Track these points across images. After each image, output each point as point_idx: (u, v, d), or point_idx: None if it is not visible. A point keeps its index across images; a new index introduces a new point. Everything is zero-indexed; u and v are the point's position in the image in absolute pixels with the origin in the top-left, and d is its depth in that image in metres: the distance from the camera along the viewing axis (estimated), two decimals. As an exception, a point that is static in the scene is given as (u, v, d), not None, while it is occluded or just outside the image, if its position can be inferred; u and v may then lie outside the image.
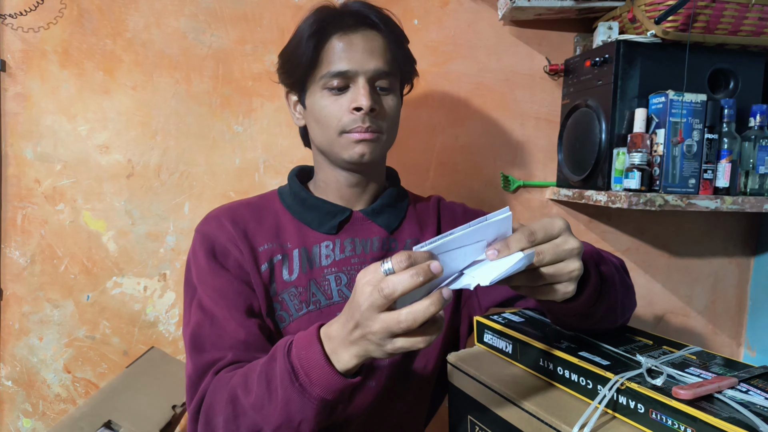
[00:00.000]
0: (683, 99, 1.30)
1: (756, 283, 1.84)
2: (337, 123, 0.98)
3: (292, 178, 1.12)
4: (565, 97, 1.60)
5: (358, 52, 0.97)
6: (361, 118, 0.96)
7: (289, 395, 0.74)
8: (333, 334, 0.72)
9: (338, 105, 0.98)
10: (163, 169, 1.48)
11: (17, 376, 1.48)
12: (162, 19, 1.45)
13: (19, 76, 1.40)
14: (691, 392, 0.69)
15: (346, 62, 0.96)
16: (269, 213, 1.07)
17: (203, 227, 1.04)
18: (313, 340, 0.73)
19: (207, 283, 0.97)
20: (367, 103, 0.95)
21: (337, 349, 0.72)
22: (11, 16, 1.38)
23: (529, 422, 0.83)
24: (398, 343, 0.66)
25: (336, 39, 0.97)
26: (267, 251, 1.02)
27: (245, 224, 1.03)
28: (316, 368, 0.72)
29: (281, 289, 1.01)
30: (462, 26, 1.59)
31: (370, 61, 0.97)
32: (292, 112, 1.10)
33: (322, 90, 0.99)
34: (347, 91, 0.98)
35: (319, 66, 0.98)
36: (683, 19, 1.31)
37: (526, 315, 1.09)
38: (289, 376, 0.73)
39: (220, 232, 1.01)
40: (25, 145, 1.42)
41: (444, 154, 1.61)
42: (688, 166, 1.32)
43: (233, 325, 0.93)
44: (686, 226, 1.77)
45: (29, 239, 1.45)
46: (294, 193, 1.09)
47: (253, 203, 1.09)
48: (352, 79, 0.97)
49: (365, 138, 0.98)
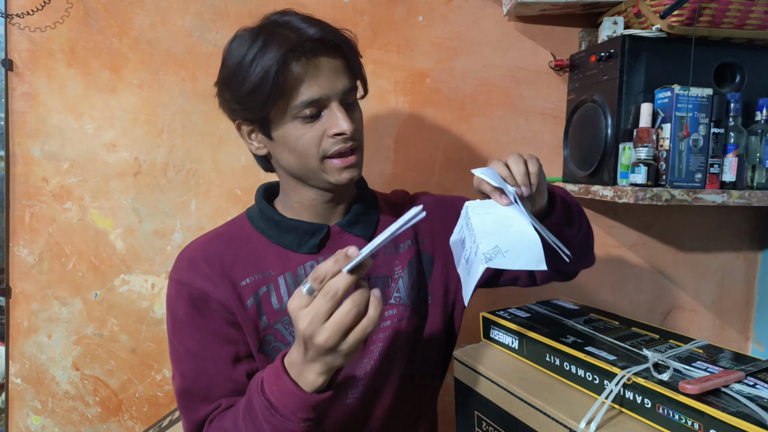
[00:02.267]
0: (689, 93, 1.30)
1: (764, 278, 1.83)
2: (317, 150, 0.94)
3: (260, 201, 1.07)
4: (571, 92, 1.60)
5: (325, 75, 0.92)
6: (342, 141, 0.94)
7: (275, 427, 0.78)
8: (294, 361, 0.77)
9: (314, 132, 0.94)
10: (170, 166, 1.49)
11: (26, 373, 1.49)
12: (167, 17, 1.45)
13: (26, 76, 1.41)
14: (698, 387, 0.69)
15: (317, 89, 0.92)
16: (244, 242, 1.03)
17: (177, 275, 0.98)
18: (280, 372, 0.77)
19: (188, 336, 0.95)
20: (349, 127, 0.92)
21: (302, 373, 0.76)
22: (18, 16, 1.38)
23: (535, 417, 0.84)
24: (350, 338, 0.71)
25: (301, 66, 0.91)
26: (251, 285, 0.98)
27: (221, 260, 0.98)
28: (290, 397, 0.76)
29: (273, 321, 0.98)
30: (467, 22, 1.59)
31: (338, 81, 0.94)
32: (248, 141, 1.03)
33: (293, 120, 0.93)
34: (320, 117, 0.94)
35: (284, 98, 0.91)
36: (688, 13, 1.30)
37: (532, 310, 1.10)
38: (269, 411, 0.78)
39: (195, 275, 0.96)
40: (32, 144, 1.43)
41: (450, 151, 1.61)
42: (695, 161, 1.32)
43: (220, 378, 0.94)
44: (693, 220, 1.77)
45: (37, 237, 1.45)
46: (266, 216, 1.04)
47: (225, 234, 1.05)
48: (324, 104, 0.93)
49: (350, 163, 0.96)
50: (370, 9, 1.53)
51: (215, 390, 0.94)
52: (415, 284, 1.08)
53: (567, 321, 1.03)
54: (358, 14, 1.52)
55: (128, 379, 1.52)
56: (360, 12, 1.52)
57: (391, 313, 1.04)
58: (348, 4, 1.51)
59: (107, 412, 1.53)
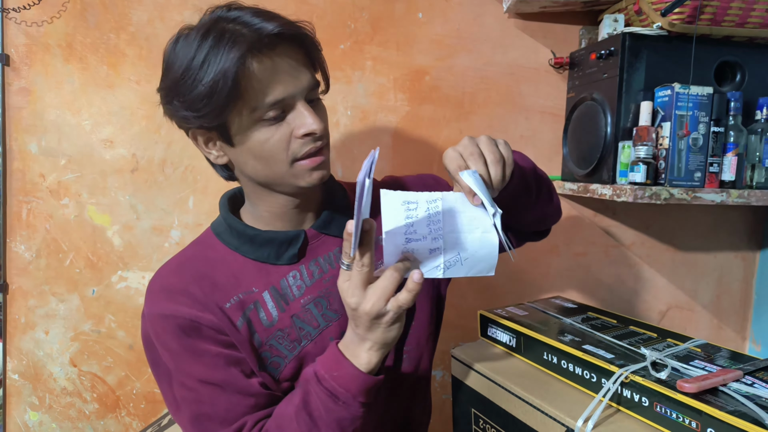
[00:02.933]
0: (689, 92, 1.30)
1: (761, 278, 1.83)
2: (286, 154, 0.88)
3: (227, 216, 0.99)
4: (571, 90, 1.59)
5: (287, 73, 0.86)
6: (312, 141, 0.88)
7: (338, 415, 0.80)
8: (348, 343, 0.81)
9: (280, 134, 0.87)
10: (168, 163, 1.48)
11: (24, 369, 1.48)
12: (165, 12, 1.45)
13: (23, 71, 1.41)
14: (695, 385, 0.69)
15: (281, 88, 0.85)
16: (219, 263, 0.95)
17: (157, 308, 0.90)
18: (339, 357, 0.81)
19: (192, 364, 0.89)
20: (319, 126, 0.87)
21: (356, 353, 0.80)
22: (15, 11, 1.37)
23: (533, 415, 0.83)
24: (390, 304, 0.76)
25: (259, 65, 0.83)
26: (236, 305, 0.92)
27: (198, 285, 0.91)
28: (352, 380, 0.79)
29: (266, 337, 0.93)
30: (467, 19, 1.59)
31: (301, 78, 0.87)
32: (205, 150, 0.94)
33: (255, 124, 0.86)
34: (285, 117, 0.87)
35: (243, 99, 0.84)
36: (690, 11, 1.30)
37: (529, 308, 1.09)
38: (331, 399, 0.80)
39: (177, 305, 0.89)
40: (29, 140, 1.42)
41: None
42: (694, 160, 1.32)
43: (237, 398, 0.89)
44: (692, 219, 1.77)
45: (34, 234, 1.45)
46: (238, 232, 0.97)
47: (195, 257, 0.97)
48: (289, 104, 0.87)
49: (319, 163, 0.90)
50: (369, 5, 1.53)
51: (235, 410, 0.88)
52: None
53: (565, 319, 1.03)
54: (357, 10, 1.52)
55: (126, 375, 1.52)
56: (359, 8, 1.52)
57: None
58: (347, 0, 1.51)
59: (105, 408, 1.53)
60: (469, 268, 0.80)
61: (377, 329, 0.78)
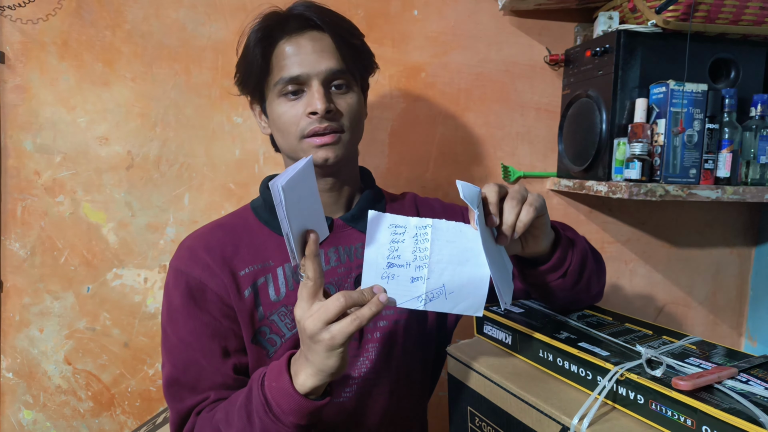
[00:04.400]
0: (684, 89, 1.30)
1: (757, 274, 1.84)
2: (296, 129, 0.97)
3: (264, 191, 1.08)
4: (566, 87, 1.60)
5: (308, 54, 0.96)
6: (317, 121, 0.95)
7: (266, 426, 0.78)
8: (297, 357, 0.78)
9: (295, 110, 0.97)
10: (163, 160, 1.48)
11: (18, 367, 1.48)
12: (161, 10, 1.44)
13: (18, 68, 1.40)
14: (690, 383, 0.69)
15: (297, 66, 0.95)
16: (246, 232, 1.03)
17: (177, 262, 1.00)
18: (283, 369, 0.78)
19: (182, 325, 0.96)
20: (321, 107, 0.94)
21: (297, 371, 0.77)
22: (10, 8, 1.37)
23: (528, 413, 0.84)
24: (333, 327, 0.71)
25: (283, 44, 0.96)
26: (249, 275, 0.99)
27: (222, 249, 0.99)
28: (285, 397, 0.76)
29: (269, 311, 0.98)
30: (462, 16, 1.58)
31: (321, 62, 0.96)
32: (258, 121, 1.09)
33: (278, 97, 0.98)
34: (303, 96, 0.97)
35: (271, 73, 0.97)
36: (684, 8, 1.30)
37: (525, 306, 1.09)
38: (263, 408, 0.78)
39: (194, 264, 0.98)
40: (24, 137, 1.42)
41: (444, 145, 1.61)
42: (689, 156, 1.32)
43: (209, 370, 0.94)
44: (687, 216, 1.77)
45: (29, 231, 1.45)
46: (269, 205, 1.05)
47: (227, 224, 1.06)
48: (305, 83, 0.96)
49: (326, 142, 0.96)
50: (364, 2, 1.52)
51: (204, 382, 0.94)
52: None
53: (560, 317, 1.03)
54: (353, 7, 1.51)
55: (120, 373, 1.52)
56: (355, 5, 1.52)
57: (389, 314, 1.04)
58: (343, -2, 1.51)
59: (99, 406, 1.52)
60: (454, 303, 0.78)
61: (315, 352, 0.73)
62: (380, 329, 1.03)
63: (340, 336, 0.71)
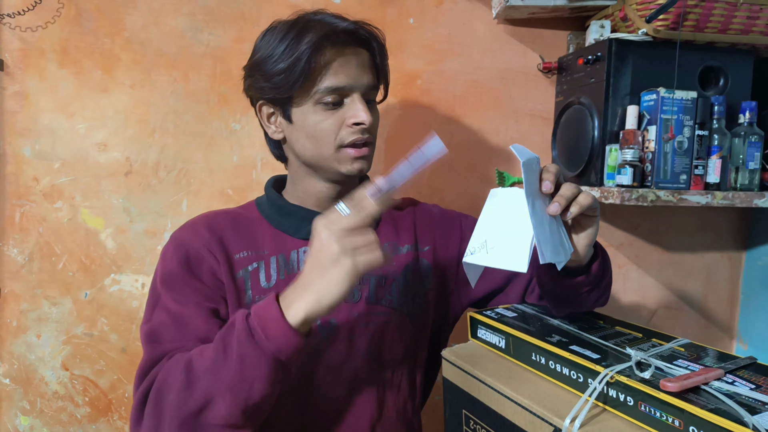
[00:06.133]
0: (674, 96, 1.32)
1: (747, 277, 1.86)
2: (334, 138, 0.99)
3: (268, 189, 1.13)
4: (559, 94, 1.62)
5: (353, 67, 0.98)
6: (360, 132, 0.99)
7: (243, 351, 0.77)
8: (288, 293, 0.79)
9: (334, 119, 0.98)
10: (161, 166, 1.49)
11: (15, 373, 1.49)
12: (160, 18, 1.46)
13: (18, 75, 1.41)
14: (678, 384, 0.71)
15: (343, 77, 0.97)
16: (247, 221, 1.08)
17: (179, 233, 1.04)
18: (271, 301, 0.79)
19: (175, 288, 0.97)
20: (368, 119, 0.97)
21: (291, 303, 0.77)
22: (9, 16, 1.38)
23: (522, 415, 0.85)
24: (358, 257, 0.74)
25: (331, 54, 0.97)
26: (243, 259, 1.02)
27: (221, 232, 1.04)
28: (272, 323, 0.76)
29: (258, 296, 1.01)
30: (457, 25, 1.61)
31: (363, 76, 1.00)
32: (266, 124, 1.07)
33: (315, 105, 0.99)
34: (341, 106, 0.99)
35: (311, 80, 0.97)
36: (674, 17, 1.32)
37: (518, 310, 1.11)
38: (245, 334, 0.77)
39: (195, 238, 1.02)
40: (23, 144, 1.43)
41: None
42: (679, 162, 1.34)
43: (197, 321, 0.94)
44: (678, 221, 1.79)
45: (27, 237, 1.46)
46: (271, 201, 1.10)
47: (231, 212, 1.10)
48: (347, 94, 0.99)
49: (363, 154, 1.01)
50: (361, 11, 1.54)
51: (188, 331, 0.93)
52: (409, 290, 1.09)
53: (553, 320, 1.04)
54: (349, 16, 1.52)
55: (118, 379, 1.53)
56: (351, 14, 1.50)
57: (380, 315, 1.05)
58: (339, 6, 1.53)
59: (96, 412, 1.53)
60: (494, 258, 0.82)
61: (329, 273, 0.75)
62: (371, 326, 1.04)
63: (363, 265, 0.74)
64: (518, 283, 1.18)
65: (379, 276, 1.07)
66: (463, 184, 1.65)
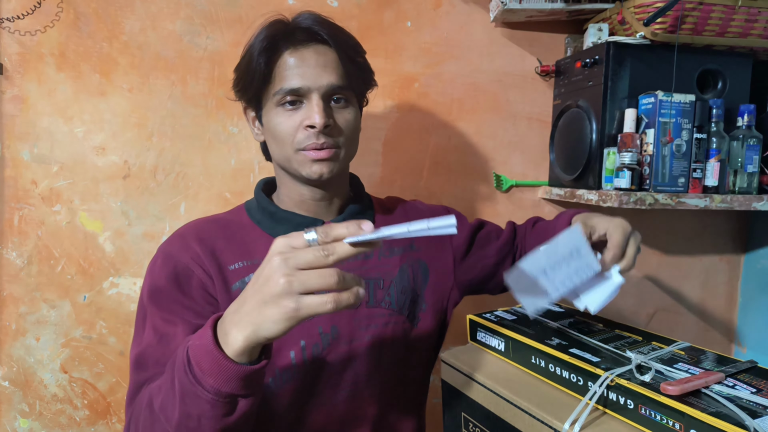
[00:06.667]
0: (672, 99, 1.32)
1: (746, 281, 1.86)
2: (291, 140, 0.97)
3: (258, 192, 1.10)
4: (557, 97, 1.62)
5: (310, 67, 0.96)
6: (315, 135, 0.95)
7: (184, 388, 0.69)
8: (225, 319, 0.68)
9: (292, 121, 0.97)
10: (159, 170, 1.49)
11: (14, 376, 1.48)
12: (158, 21, 1.46)
13: (16, 79, 1.41)
14: (678, 388, 0.71)
15: (299, 78, 0.95)
16: (238, 229, 1.04)
17: (167, 246, 0.99)
18: (206, 330, 0.69)
19: (162, 305, 0.93)
20: (320, 121, 0.93)
21: (228, 330, 0.66)
22: (8, 20, 1.38)
23: (521, 418, 0.85)
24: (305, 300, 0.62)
25: (287, 55, 0.96)
26: (239, 270, 0.98)
27: (213, 242, 1.00)
28: (205, 355, 0.67)
29: None
30: (454, 28, 1.61)
31: (323, 76, 0.96)
32: (252, 127, 1.09)
33: (276, 107, 0.97)
34: (301, 107, 0.97)
35: (272, 82, 0.97)
36: (671, 21, 1.33)
37: (518, 313, 1.11)
38: (183, 367, 0.69)
39: (184, 251, 0.97)
40: (21, 147, 1.43)
41: (437, 154, 1.63)
42: (678, 166, 1.35)
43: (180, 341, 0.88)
44: (677, 224, 1.79)
45: (26, 240, 1.45)
46: (262, 207, 1.07)
47: (221, 219, 1.07)
48: (305, 95, 0.96)
49: (321, 157, 0.97)
50: (358, 14, 1.54)
51: (170, 352, 0.88)
52: (406, 290, 1.09)
53: (552, 323, 1.05)
54: (346, 19, 1.53)
55: (116, 381, 1.52)
56: (349, 17, 1.54)
57: (380, 317, 1.05)
58: (337, 9, 1.53)
59: (95, 414, 1.53)
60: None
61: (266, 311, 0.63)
62: (372, 328, 1.04)
63: (306, 311, 0.62)
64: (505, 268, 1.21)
65: (376, 278, 1.07)
66: (461, 187, 1.65)
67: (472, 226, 1.23)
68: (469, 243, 1.21)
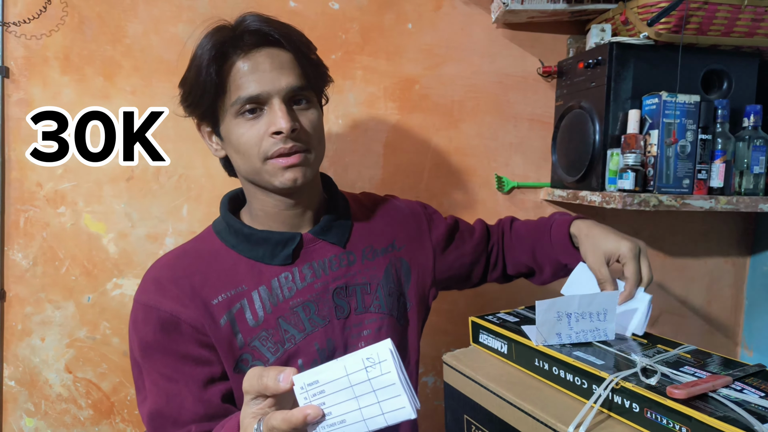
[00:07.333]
0: (676, 100, 1.32)
1: (752, 283, 1.85)
2: (257, 150, 0.91)
3: (226, 214, 1.02)
4: (559, 98, 1.61)
5: (266, 71, 0.89)
6: (282, 141, 0.89)
7: None
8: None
9: (255, 131, 0.90)
10: (162, 172, 1.50)
11: (20, 376, 1.49)
12: (160, 25, 1.46)
13: (22, 82, 1.42)
14: (685, 391, 0.70)
15: (256, 84, 0.88)
16: (213, 258, 0.97)
17: (143, 297, 0.93)
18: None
19: (159, 359, 0.90)
20: (286, 125, 0.88)
21: None
22: (15, 24, 1.39)
23: (525, 421, 0.84)
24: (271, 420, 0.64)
25: (240, 61, 0.89)
26: (223, 303, 0.93)
27: (189, 279, 0.94)
28: None
29: (249, 338, 0.94)
30: (455, 29, 1.61)
31: (281, 79, 0.90)
32: (209, 143, 1.01)
33: (235, 117, 0.91)
34: (263, 115, 0.90)
35: (226, 93, 0.90)
36: (676, 20, 1.32)
37: (521, 315, 1.11)
38: None
39: (163, 297, 0.91)
40: (27, 150, 1.43)
41: (438, 156, 1.63)
42: (682, 167, 1.34)
43: (191, 400, 0.89)
44: (681, 226, 1.79)
45: (31, 242, 1.46)
46: (235, 230, 0.99)
47: (192, 251, 1.00)
48: (265, 101, 0.90)
49: (292, 163, 0.91)
50: (359, 16, 1.54)
51: (185, 414, 0.89)
52: (393, 291, 1.08)
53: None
54: (347, 21, 1.53)
55: (120, 382, 1.53)
56: (350, 19, 1.54)
57: (371, 321, 1.04)
58: (338, 12, 1.53)
59: (99, 414, 1.53)
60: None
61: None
62: (364, 338, 1.02)
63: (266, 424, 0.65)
64: (479, 267, 1.24)
65: (363, 284, 1.05)
66: (462, 189, 1.65)
67: (448, 224, 1.21)
68: (447, 240, 1.20)
